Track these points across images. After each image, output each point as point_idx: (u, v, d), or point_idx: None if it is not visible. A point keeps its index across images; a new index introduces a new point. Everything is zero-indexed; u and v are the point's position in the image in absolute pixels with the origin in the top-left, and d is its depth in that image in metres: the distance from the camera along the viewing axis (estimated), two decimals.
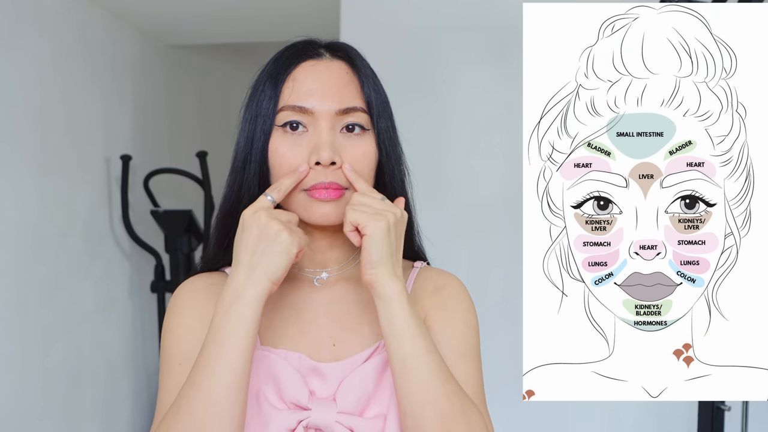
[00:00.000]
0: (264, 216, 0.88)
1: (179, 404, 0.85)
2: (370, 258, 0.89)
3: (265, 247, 0.87)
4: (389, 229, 0.89)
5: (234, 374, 0.84)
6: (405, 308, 0.88)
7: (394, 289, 0.88)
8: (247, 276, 0.87)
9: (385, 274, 0.89)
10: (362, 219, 0.89)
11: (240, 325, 0.86)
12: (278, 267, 0.87)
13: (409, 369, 0.87)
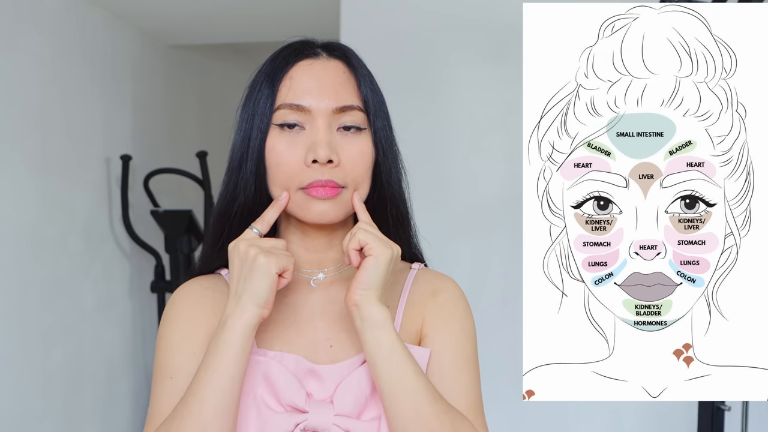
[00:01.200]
0: (242, 245, 0.91)
1: (170, 424, 0.87)
2: (367, 279, 0.90)
3: (247, 274, 0.90)
4: (391, 260, 0.91)
5: (223, 399, 0.87)
6: (392, 334, 0.90)
7: (382, 315, 0.90)
8: (235, 304, 0.90)
9: (375, 299, 0.90)
10: (372, 241, 0.91)
11: (229, 353, 0.88)
12: (261, 291, 0.89)
13: (398, 392, 0.88)
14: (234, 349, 0.88)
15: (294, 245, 1.01)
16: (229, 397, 0.88)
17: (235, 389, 0.88)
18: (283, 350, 0.95)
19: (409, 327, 0.98)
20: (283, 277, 0.92)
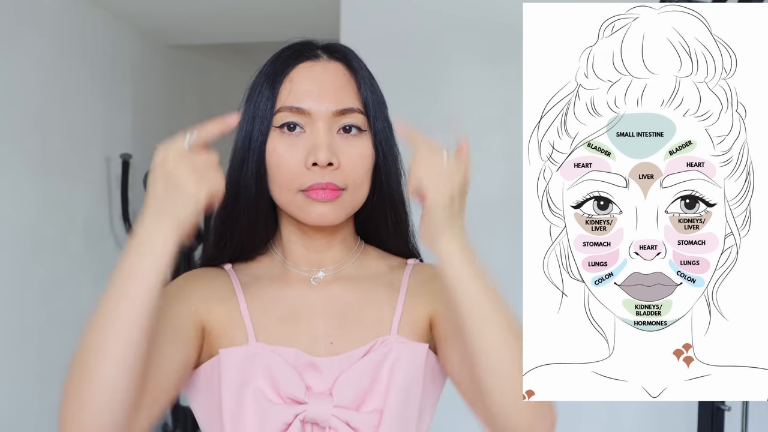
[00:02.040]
0: (171, 161, 0.82)
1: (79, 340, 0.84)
2: (429, 223, 0.87)
3: (172, 195, 0.82)
4: (452, 198, 0.87)
5: (124, 325, 0.81)
6: (470, 269, 0.87)
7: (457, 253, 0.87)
8: (155, 224, 0.82)
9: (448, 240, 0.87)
10: (426, 183, 0.87)
11: (139, 275, 0.82)
12: (186, 216, 0.82)
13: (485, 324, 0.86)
14: (147, 270, 0.82)
15: (294, 244, 1.02)
16: (132, 324, 0.81)
17: (140, 317, 0.81)
18: (282, 345, 0.95)
19: (410, 319, 0.99)
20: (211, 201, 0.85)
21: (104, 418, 0.80)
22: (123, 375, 0.80)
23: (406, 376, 0.94)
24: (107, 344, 0.81)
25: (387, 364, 0.93)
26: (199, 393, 0.96)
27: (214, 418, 0.94)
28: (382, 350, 0.94)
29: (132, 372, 0.81)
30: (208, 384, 0.94)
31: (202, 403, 0.96)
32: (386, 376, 0.93)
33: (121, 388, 0.80)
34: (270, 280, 1.00)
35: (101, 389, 0.80)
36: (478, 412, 0.92)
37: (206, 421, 0.96)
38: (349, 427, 0.91)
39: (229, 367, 0.91)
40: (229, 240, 1.01)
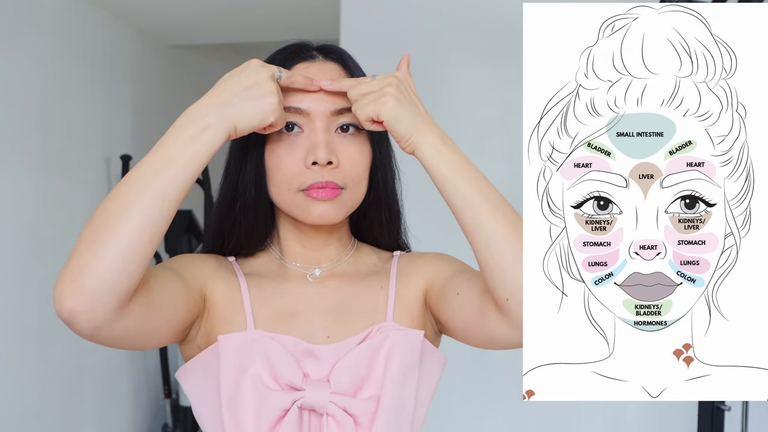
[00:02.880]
0: (266, 73, 0.88)
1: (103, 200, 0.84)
2: (399, 135, 0.90)
3: (250, 97, 0.86)
4: (398, 100, 0.90)
5: (162, 184, 0.82)
6: (448, 157, 0.89)
7: (432, 146, 0.89)
8: (217, 109, 0.86)
9: (420, 138, 0.90)
10: (371, 109, 0.90)
11: (188, 145, 0.84)
12: (249, 121, 0.87)
13: (475, 204, 0.87)
14: (198, 142, 0.84)
15: (291, 242, 1.03)
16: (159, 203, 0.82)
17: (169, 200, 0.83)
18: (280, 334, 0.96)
19: (404, 303, 1.01)
20: (271, 127, 0.90)
21: (103, 285, 0.79)
22: (134, 246, 0.80)
23: (402, 363, 0.95)
24: (129, 213, 0.81)
25: (383, 351, 0.94)
26: (198, 383, 0.97)
27: (212, 405, 0.95)
28: (378, 337, 0.95)
29: (144, 246, 0.81)
30: (207, 372, 0.95)
31: (201, 393, 0.97)
32: (383, 363, 0.94)
33: (128, 259, 0.80)
34: (268, 276, 1.02)
35: (110, 252, 0.79)
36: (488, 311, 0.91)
37: (204, 410, 0.96)
38: (347, 414, 0.92)
39: (228, 353, 0.92)
40: (228, 239, 1.02)
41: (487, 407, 2.71)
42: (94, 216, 0.82)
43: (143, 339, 0.88)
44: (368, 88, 0.91)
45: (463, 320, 0.95)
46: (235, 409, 0.92)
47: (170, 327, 0.91)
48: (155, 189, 0.82)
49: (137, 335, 0.86)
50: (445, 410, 2.69)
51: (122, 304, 0.81)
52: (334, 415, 0.92)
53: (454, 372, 1.00)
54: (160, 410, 3.88)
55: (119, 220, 0.80)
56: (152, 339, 0.90)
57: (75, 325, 0.81)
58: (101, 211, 0.82)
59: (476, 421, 2.72)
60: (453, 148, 0.90)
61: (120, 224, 0.80)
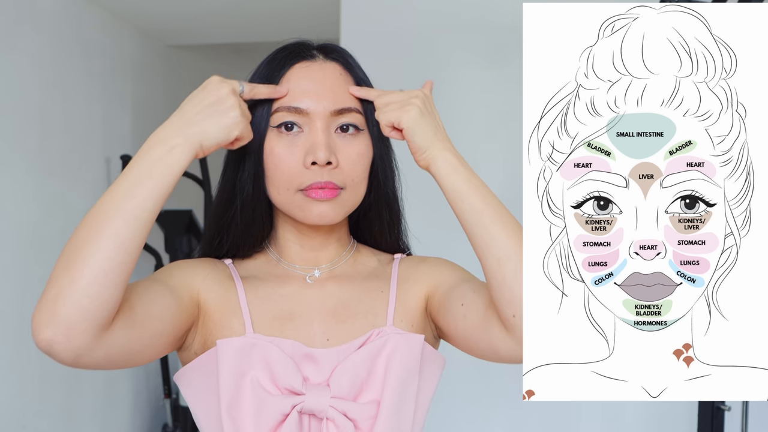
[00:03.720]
0: (227, 89, 0.88)
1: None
2: (417, 146, 0.92)
3: (212, 114, 0.87)
4: (422, 112, 0.92)
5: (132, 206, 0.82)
6: (463, 174, 0.91)
7: (447, 162, 0.91)
8: (182, 129, 0.86)
9: (437, 153, 0.92)
10: (394, 116, 0.92)
11: (156, 166, 0.84)
12: (214, 137, 0.87)
13: (487, 220, 0.89)
14: (164, 165, 0.84)
15: (290, 243, 1.03)
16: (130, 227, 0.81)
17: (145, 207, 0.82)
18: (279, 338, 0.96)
19: (404, 308, 1.00)
20: (237, 142, 0.91)
21: (78, 313, 0.78)
22: (107, 271, 0.79)
23: (402, 367, 0.94)
24: (100, 237, 0.80)
25: (383, 355, 0.94)
26: (196, 387, 0.96)
27: (211, 409, 0.94)
28: (378, 341, 0.95)
29: (117, 270, 0.80)
30: (206, 376, 0.94)
31: (199, 397, 0.96)
32: (383, 367, 0.94)
33: (102, 284, 0.79)
34: (265, 278, 1.01)
35: (84, 279, 0.78)
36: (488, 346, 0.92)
37: (203, 414, 0.96)
38: (347, 418, 0.92)
39: (227, 358, 0.92)
40: (225, 238, 1.01)
41: (487, 407, 2.71)
42: (68, 242, 0.81)
43: (131, 359, 0.87)
44: (395, 98, 0.93)
45: (466, 331, 0.94)
46: (235, 413, 0.91)
47: (160, 342, 0.90)
48: (124, 212, 0.81)
49: (124, 356, 0.85)
50: (446, 410, 2.69)
51: (101, 330, 0.80)
52: (334, 420, 0.91)
53: (454, 372, 1.00)
54: (160, 410, 3.88)
55: (90, 246, 0.80)
56: (142, 357, 0.89)
57: (54, 354, 0.79)
58: (74, 238, 0.81)
59: (476, 421, 2.71)
60: (466, 165, 0.92)
61: (91, 250, 0.79)
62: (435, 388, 1.01)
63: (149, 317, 0.87)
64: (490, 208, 0.89)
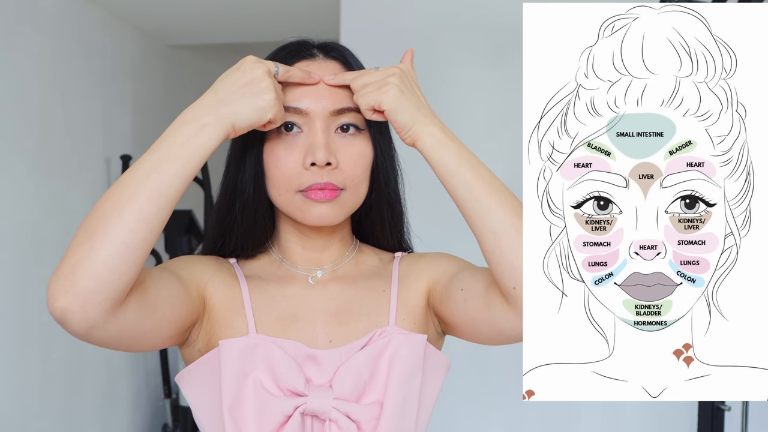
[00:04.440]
0: (262, 69, 0.88)
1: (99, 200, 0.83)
2: (400, 125, 0.91)
3: (246, 94, 0.86)
4: (400, 90, 0.90)
5: (158, 183, 0.82)
6: (451, 148, 0.89)
7: (433, 136, 0.90)
8: (214, 108, 0.86)
9: (422, 129, 0.90)
10: (373, 98, 0.90)
11: (186, 145, 0.84)
12: (246, 119, 0.87)
13: (480, 194, 0.87)
14: (195, 142, 0.84)
15: (292, 244, 1.02)
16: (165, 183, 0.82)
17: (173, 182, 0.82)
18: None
19: (406, 307, 1.00)
20: (270, 124, 0.90)
21: (96, 284, 0.78)
22: (128, 244, 0.79)
23: (405, 368, 0.94)
24: (123, 211, 0.80)
25: (386, 356, 0.93)
26: (198, 387, 0.96)
27: (212, 410, 0.94)
28: (381, 342, 0.94)
29: (138, 245, 0.80)
30: (208, 377, 0.94)
31: (201, 398, 0.96)
32: (386, 368, 0.93)
33: (122, 258, 0.79)
34: (269, 279, 1.01)
35: (104, 250, 0.78)
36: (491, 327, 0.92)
37: (205, 415, 0.95)
38: (350, 419, 0.91)
39: (230, 358, 0.91)
40: (228, 240, 1.01)
41: (487, 407, 2.71)
42: (90, 214, 0.81)
43: (139, 341, 0.87)
44: (371, 78, 0.92)
45: (468, 315, 0.94)
46: (237, 414, 0.91)
47: (168, 329, 0.90)
48: (150, 188, 0.81)
49: (133, 337, 0.85)
50: (446, 410, 2.69)
51: (116, 304, 0.80)
52: (337, 421, 0.91)
53: (454, 372, 1.00)
54: (160, 410, 3.88)
55: (114, 218, 0.79)
56: (148, 341, 0.89)
57: (68, 324, 0.79)
58: (96, 209, 0.81)
59: (477, 421, 2.71)
60: (454, 139, 0.90)
61: (114, 222, 0.79)
62: (439, 389, 1.00)
63: (161, 300, 0.88)
64: (482, 180, 0.88)
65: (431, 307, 1.01)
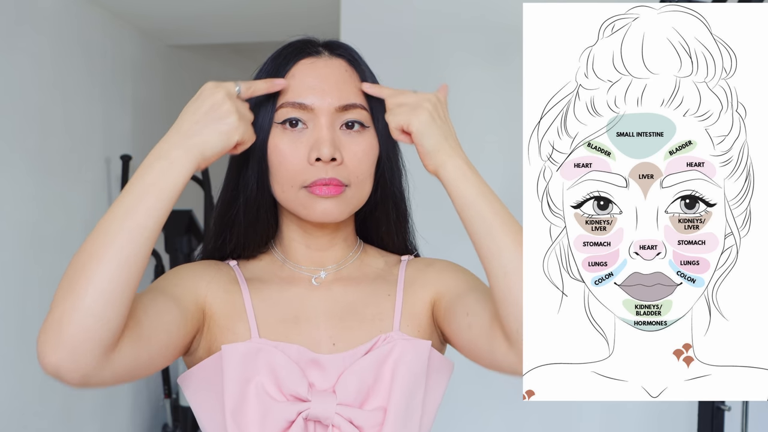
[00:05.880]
0: (221, 93, 0.86)
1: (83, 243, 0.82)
2: (425, 150, 0.90)
3: (209, 122, 0.85)
4: (432, 116, 0.90)
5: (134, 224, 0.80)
6: (472, 181, 0.89)
7: (458, 168, 0.89)
8: (181, 141, 0.85)
9: (446, 159, 0.90)
10: (404, 119, 0.90)
11: (158, 182, 0.82)
12: (213, 146, 0.85)
13: (495, 230, 0.87)
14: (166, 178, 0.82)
15: (295, 243, 1.01)
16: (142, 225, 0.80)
17: (150, 222, 0.81)
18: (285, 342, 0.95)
19: (411, 312, 0.99)
20: (239, 146, 0.89)
21: (84, 334, 0.76)
22: (111, 290, 0.78)
23: (409, 373, 0.93)
24: (103, 257, 0.78)
25: (390, 362, 0.93)
26: (200, 391, 0.95)
27: (214, 414, 0.93)
28: (385, 347, 0.94)
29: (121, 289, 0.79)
30: (210, 381, 0.93)
31: (203, 401, 0.95)
32: (389, 374, 0.93)
33: (107, 304, 0.77)
34: (271, 280, 1.00)
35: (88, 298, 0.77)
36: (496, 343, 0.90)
37: (208, 419, 0.95)
38: (353, 425, 0.91)
39: (232, 363, 0.91)
40: (229, 237, 1.00)
41: (487, 407, 2.71)
42: (72, 262, 0.80)
43: (139, 372, 0.85)
44: (407, 100, 0.92)
45: (471, 342, 0.93)
46: (240, 419, 0.90)
47: (167, 353, 0.89)
48: (127, 230, 0.80)
49: (131, 371, 0.84)
50: (445, 410, 2.69)
51: (109, 349, 0.79)
52: (340, 427, 0.91)
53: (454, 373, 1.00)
54: (160, 410, 3.87)
55: (94, 265, 0.78)
56: (149, 369, 0.87)
57: (62, 377, 0.78)
58: (77, 258, 0.80)
59: (476, 421, 2.71)
60: (477, 174, 0.90)
61: (95, 269, 0.78)
62: (442, 395, 1.00)
63: (156, 331, 0.86)
64: (499, 218, 0.87)
65: (435, 319, 1.00)
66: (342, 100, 0.94)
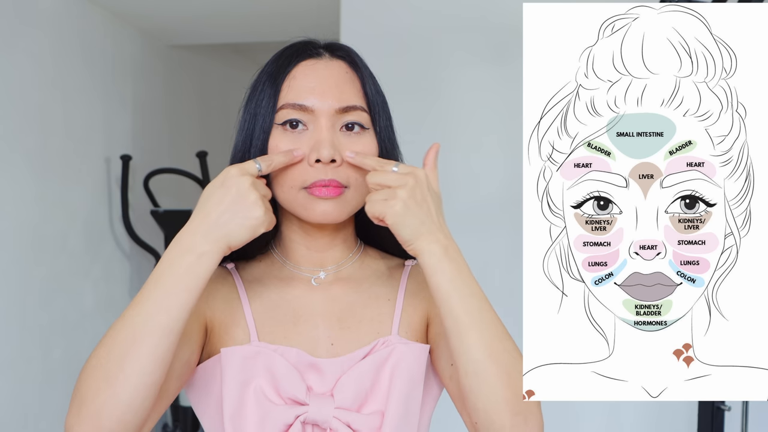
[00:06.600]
0: (248, 182, 0.86)
1: (105, 336, 0.84)
2: (402, 240, 0.88)
3: (237, 213, 0.85)
4: (406, 205, 0.86)
5: (167, 320, 0.82)
6: (447, 272, 0.86)
7: (433, 256, 0.86)
8: (208, 233, 0.85)
9: (423, 246, 0.87)
10: (378, 210, 0.87)
11: (187, 277, 0.83)
12: (240, 238, 0.86)
13: (464, 328, 0.85)
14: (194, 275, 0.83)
15: (295, 244, 1.02)
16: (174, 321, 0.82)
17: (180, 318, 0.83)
18: (283, 345, 0.95)
19: (409, 320, 0.99)
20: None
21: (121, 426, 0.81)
22: (148, 385, 0.82)
23: (407, 378, 0.94)
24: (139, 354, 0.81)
25: (388, 366, 0.93)
26: (200, 392, 0.96)
27: (215, 417, 0.94)
28: (384, 351, 0.94)
29: (157, 382, 0.82)
30: (209, 383, 0.94)
31: (203, 403, 0.96)
32: (387, 378, 0.93)
33: (144, 399, 0.82)
34: (270, 281, 1.00)
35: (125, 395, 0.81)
36: (464, 416, 0.93)
37: (208, 420, 0.96)
38: (350, 429, 0.91)
39: (231, 367, 0.91)
40: None
41: None
42: (102, 353, 0.82)
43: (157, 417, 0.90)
44: (385, 181, 0.88)
45: (449, 388, 0.97)
46: (238, 422, 0.91)
47: (180, 385, 0.93)
48: (162, 327, 0.82)
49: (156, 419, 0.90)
50: (445, 411, 2.69)
51: (140, 427, 0.84)
52: (338, 431, 0.91)
53: None
54: None
55: (130, 361, 0.81)
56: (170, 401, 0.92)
57: None
58: (110, 349, 0.82)
59: None
60: (455, 263, 0.87)
61: (132, 366, 0.81)
62: (438, 397, 1.00)
63: (171, 383, 0.90)
64: (470, 317, 0.86)
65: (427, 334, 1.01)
66: (342, 102, 0.94)
